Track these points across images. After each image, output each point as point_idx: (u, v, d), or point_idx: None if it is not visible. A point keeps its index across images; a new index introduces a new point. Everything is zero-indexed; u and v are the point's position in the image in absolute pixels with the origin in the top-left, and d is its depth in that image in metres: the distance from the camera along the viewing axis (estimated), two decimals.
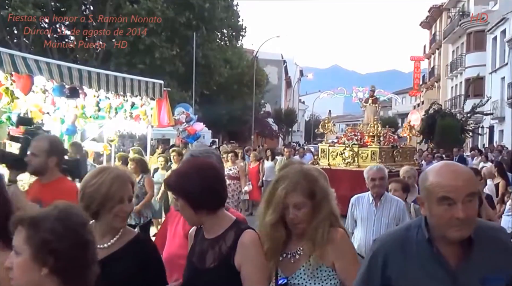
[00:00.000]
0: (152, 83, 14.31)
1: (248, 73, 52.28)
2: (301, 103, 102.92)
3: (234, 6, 47.13)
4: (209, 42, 40.65)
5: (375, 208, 7.58)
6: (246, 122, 53.50)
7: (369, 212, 7.60)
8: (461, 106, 47.80)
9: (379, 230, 7.39)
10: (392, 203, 7.55)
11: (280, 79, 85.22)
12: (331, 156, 21.01)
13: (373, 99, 23.33)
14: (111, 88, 13.08)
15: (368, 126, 21.46)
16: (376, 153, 20.22)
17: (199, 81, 38.89)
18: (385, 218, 7.48)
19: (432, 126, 39.52)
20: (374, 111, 22.93)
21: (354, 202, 7.82)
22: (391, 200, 7.59)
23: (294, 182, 3.63)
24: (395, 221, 7.36)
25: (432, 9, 71.22)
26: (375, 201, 7.61)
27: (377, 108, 23.60)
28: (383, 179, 7.57)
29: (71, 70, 11.76)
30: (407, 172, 9.23)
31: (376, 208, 7.58)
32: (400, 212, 7.46)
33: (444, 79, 66.10)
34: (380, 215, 7.53)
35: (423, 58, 78.30)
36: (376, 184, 7.54)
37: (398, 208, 7.48)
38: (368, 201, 7.67)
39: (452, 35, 60.94)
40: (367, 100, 23.50)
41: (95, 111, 14.62)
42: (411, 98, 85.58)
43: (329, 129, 22.20)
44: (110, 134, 16.12)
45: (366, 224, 7.59)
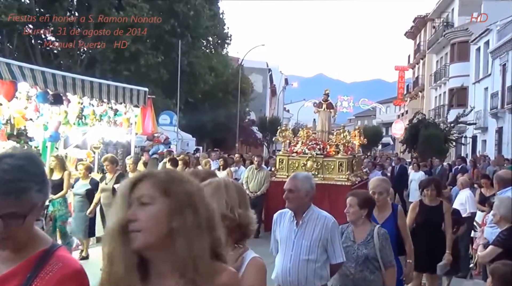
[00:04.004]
0: (137, 90, 14.35)
1: (233, 81, 52.22)
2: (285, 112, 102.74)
3: (220, 14, 47.12)
4: (194, 49, 40.58)
5: (296, 226, 6.03)
6: (231, 130, 53.37)
7: (289, 231, 6.07)
8: (444, 116, 48.00)
9: (298, 254, 5.93)
10: (318, 220, 5.99)
11: (265, 88, 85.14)
12: (291, 167, 18.98)
13: (327, 103, 21.23)
14: (95, 95, 13.11)
15: (335, 135, 19.80)
16: (343, 164, 18.72)
17: (184, 88, 38.75)
18: (306, 240, 5.94)
19: (415, 135, 39.63)
20: (329, 117, 21.11)
21: (276, 218, 6.31)
22: (317, 217, 6.02)
23: None
24: (320, 243, 5.92)
25: (417, 20, 71.57)
26: (296, 217, 6.07)
27: (333, 114, 21.56)
28: (293, 191, 5.95)
29: (55, 77, 11.80)
30: (378, 185, 7.62)
31: (298, 227, 6.02)
32: (327, 233, 5.92)
33: (428, 89, 66.34)
34: (301, 235, 5.98)
35: (408, 68, 78.64)
36: (287, 196, 6.03)
37: (325, 228, 5.93)
38: (290, 218, 6.13)
39: (436, 46, 61.27)
40: (321, 105, 21.25)
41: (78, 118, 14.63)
42: (395, 107, 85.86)
43: (288, 138, 20.04)
44: (93, 141, 16.08)
45: (285, 247, 6.07)
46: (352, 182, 18.25)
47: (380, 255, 6.43)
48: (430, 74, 65.10)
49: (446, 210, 9.29)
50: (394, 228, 7.33)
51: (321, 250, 5.92)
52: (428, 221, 9.03)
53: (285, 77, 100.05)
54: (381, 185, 7.58)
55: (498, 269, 5.55)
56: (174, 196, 2.40)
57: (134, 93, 14.20)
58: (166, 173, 2.54)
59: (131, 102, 14.21)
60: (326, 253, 5.96)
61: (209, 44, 47.35)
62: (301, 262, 5.89)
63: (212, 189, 3.33)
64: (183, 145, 34.73)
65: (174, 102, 36.92)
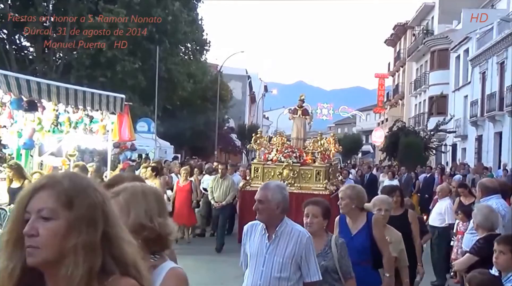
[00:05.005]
0: (113, 97, 14.04)
1: (212, 88, 52.07)
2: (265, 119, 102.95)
3: (199, 20, 46.84)
4: (173, 56, 40.17)
5: (268, 240, 5.53)
6: (210, 138, 53.17)
7: (260, 245, 5.58)
8: (424, 124, 48.33)
9: (270, 271, 5.44)
10: (292, 235, 5.49)
11: (244, 95, 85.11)
12: (266, 176, 18.21)
13: (303, 110, 20.38)
14: (70, 102, 12.86)
15: (312, 142, 19.23)
16: (321, 172, 18.17)
17: (162, 95, 38.33)
18: (278, 257, 5.43)
19: (395, 143, 39.77)
20: (304, 124, 20.24)
21: (247, 230, 5.81)
22: (291, 231, 5.51)
23: None
24: (293, 260, 5.43)
25: (397, 27, 71.93)
26: (268, 230, 5.57)
27: (308, 121, 20.68)
28: (262, 202, 5.47)
29: (30, 83, 11.59)
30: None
31: (270, 241, 5.52)
32: (302, 249, 5.43)
33: (408, 97, 66.67)
34: (273, 251, 5.48)
35: (388, 76, 78.96)
36: (256, 207, 5.55)
37: (299, 243, 5.43)
38: (261, 230, 5.63)
39: (416, 53, 61.62)
40: (296, 111, 20.39)
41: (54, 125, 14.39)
42: (375, 115, 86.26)
43: (262, 146, 19.39)
44: (69, 148, 15.81)
45: (255, 262, 5.57)
46: (330, 191, 17.69)
47: (339, 266, 6.05)
48: (410, 82, 65.43)
49: (412, 219, 8.99)
50: (369, 239, 6.87)
51: (295, 268, 5.47)
52: None
53: (265, 84, 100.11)
54: (343, 191, 7.14)
55: (474, 277, 5.65)
56: (76, 209, 2.17)
57: (111, 100, 13.88)
58: (70, 180, 2.23)
59: (107, 109, 13.90)
60: (300, 271, 5.51)
61: (187, 51, 47.00)
62: (272, 279, 5.43)
63: (128, 196, 3.16)
64: (161, 152, 34.38)
65: (151, 109, 36.46)
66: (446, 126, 42.21)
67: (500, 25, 38.41)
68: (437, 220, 12.94)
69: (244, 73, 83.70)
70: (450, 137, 47.88)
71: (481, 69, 42.76)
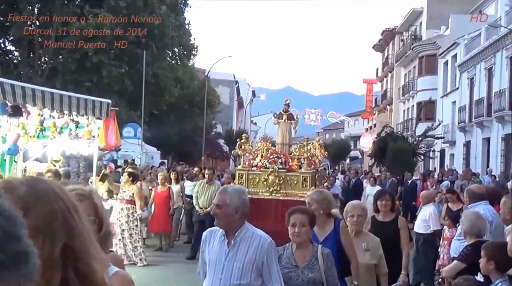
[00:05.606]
0: (99, 102, 13.84)
1: (199, 93, 51.78)
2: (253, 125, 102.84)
3: (186, 24, 46.66)
4: (160, 60, 39.93)
5: (227, 247, 5.36)
6: (197, 143, 52.98)
7: (219, 252, 5.39)
8: (412, 129, 48.32)
9: (229, 278, 5.26)
10: (252, 240, 5.32)
11: (232, 100, 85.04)
12: (251, 182, 17.45)
13: (288, 114, 19.45)
14: (56, 107, 12.66)
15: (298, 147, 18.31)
16: (307, 179, 17.33)
17: (149, 100, 38.12)
18: (238, 263, 5.26)
19: (383, 149, 39.65)
20: (289, 129, 19.39)
21: (206, 237, 5.64)
22: (251, 236, 5.35)
23: None
24: (254, 266, 5.25)
25: (385, 32, 71.96)
26: (227, 236, 5.39)
27: (293, 125, 19.60)
28: (220, 207, 5.34)
29: (14, 88, 11.40)
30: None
31: (229, 247, 5.34)
32: (263, 254, 5.25)
33: (396, 102, 66.72)
34: (232, 257, 5.30)
35: (376, 81, 79.00)
36: (214, 212, 5.45)
37: (260, 248, 5.26)
38: (220, 237, 5.46)
39: (404, 59, 61.66)
40: (281, 115, 19.48)
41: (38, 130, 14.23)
42: (363, 120, 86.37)
43: (247, 151, 18.51)
44: (54, 154, 15.59)
45: (214, 270, 5.39)
46: None
47: (325, 278, 5.81)
48: (398, 88, 65.50)
49: (402, 226, 8.76)
50: (336, 246, 6.60)
51: (256, 274, 5.27)
52: (383, 239, 7.75)
53: (253, 90, 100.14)
54: (310, 196, 6.97)
55: (460, 284, 5.77)
56: (31, 219, 1.80)
57: (97, 105, 13.68)
58: (28, 186, 1.95)
59: (93, 114, 13.69)
60: (261, 278, 5.28)
61: (174, 55, 46.82)
62: None
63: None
64: (147, 158, 34.19)
65: (138, 114, 36.24)
66: (434, 132, 42.21)
67: (488, 30, 38.44)
68: (422, 226, 12.85)
69: (231, 78, 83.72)
70: (438, 143, 47.93)
71: (469, 75, 42.86)
